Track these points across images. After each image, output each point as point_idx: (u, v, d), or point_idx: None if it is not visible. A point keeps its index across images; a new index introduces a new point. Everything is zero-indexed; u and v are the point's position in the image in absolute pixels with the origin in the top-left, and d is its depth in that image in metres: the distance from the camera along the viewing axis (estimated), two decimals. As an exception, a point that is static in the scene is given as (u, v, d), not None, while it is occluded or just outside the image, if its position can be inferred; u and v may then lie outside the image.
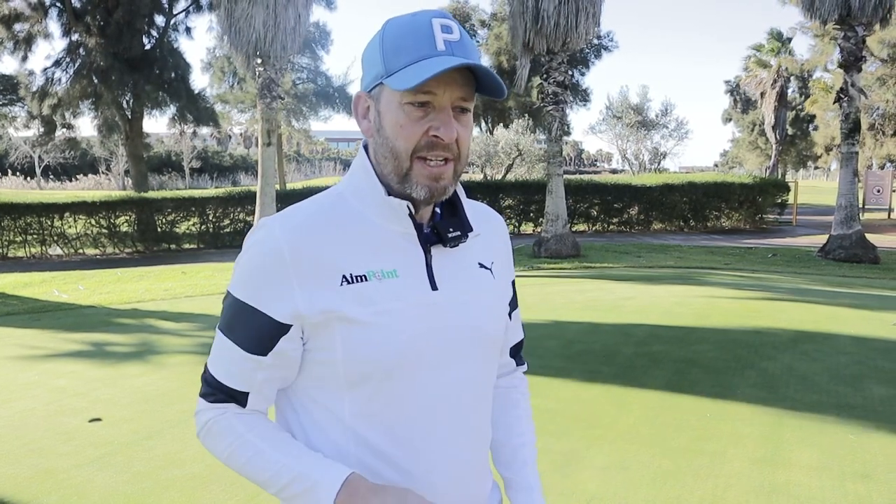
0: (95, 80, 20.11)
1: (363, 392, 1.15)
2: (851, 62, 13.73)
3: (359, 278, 1.13)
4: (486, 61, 33.73)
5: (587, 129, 75.77)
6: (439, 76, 1.08)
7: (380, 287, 1.14)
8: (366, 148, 1.22)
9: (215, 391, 1.21)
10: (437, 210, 1.23)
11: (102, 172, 54.09)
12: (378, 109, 1.15)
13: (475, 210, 1.31)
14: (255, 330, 1.15)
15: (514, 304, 1.41)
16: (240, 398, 1.20)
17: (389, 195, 1.16)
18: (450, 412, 1.19)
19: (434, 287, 1.18)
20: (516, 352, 1.45)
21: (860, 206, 19.46)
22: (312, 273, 1.12)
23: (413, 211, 1.17)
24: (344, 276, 1.13)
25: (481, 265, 1.26)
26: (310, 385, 1.20)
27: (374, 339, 1.12)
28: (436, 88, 1.10)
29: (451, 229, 1.20)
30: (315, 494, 1.10)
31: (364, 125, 1.19)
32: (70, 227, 17.39)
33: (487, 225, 1.32)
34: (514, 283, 1.41)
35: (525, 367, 1.50)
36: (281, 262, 1.12)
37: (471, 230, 1.23)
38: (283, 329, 1.14)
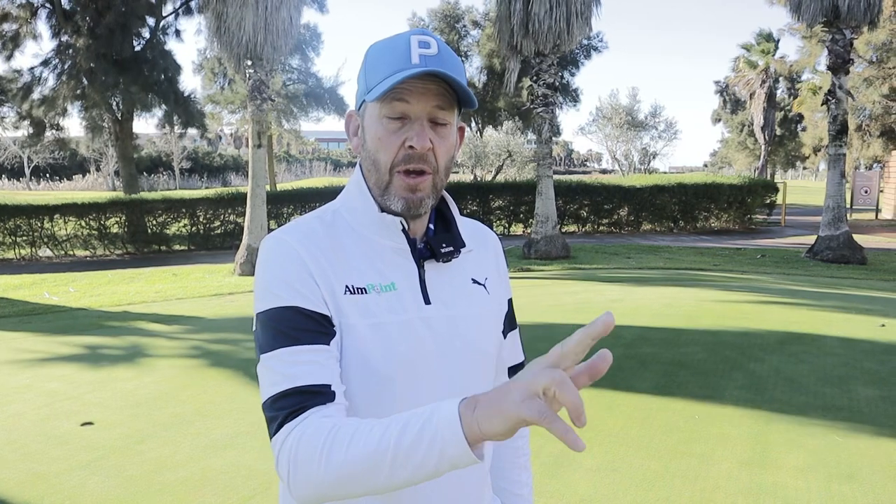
0: (84, 81, 20.01)
1: (358, 401, 1.17)
2: (839, 64, 13.84)
3: (360, 290, 1.15)
4: (477, 62, 33.72)
5: (577, 129, 76.03)
6: (413, 89, 1.11)
7: (379, 300, 1.16)
8: (361, 167, 1.25)
9: (286, 406, 1.04)
10: (431, 226, 1.26)
11: (92, 173, 53.78)
12: (363, 125, 1.20)
13: (469, 227, 1.33)
14: (305, 322, 1.09)
15: (512, 324, 1.40)
16: (323, 391, 1.05)
17: (383, 211, 1.19)
18: None
19: (427, 301, 1.20)
20: (514, 373, 1.40)
21: (848, 206, 19.62)
22: (326, 278, 1.14)
23: (406, 227, 1.19)
24: (347, 287, 1.15)
25: (474, 280, 1.28)
26: None
27: (371, 351, 1.14)
28: (410, 98, 1.12)
29: (443, 245, 1.22)
30: (436, 417, 0.91)
31: (354, 142, 1.24)
32: (60, 228, 17.33)
33: (481, 242, 1.34)
34: (511, 301, 1.40)
35: None
36: (301, 263, 1.13)
37: (463, 246, 1.25)
38: (327, 318, 1.12)
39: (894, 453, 3.85)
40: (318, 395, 1.04)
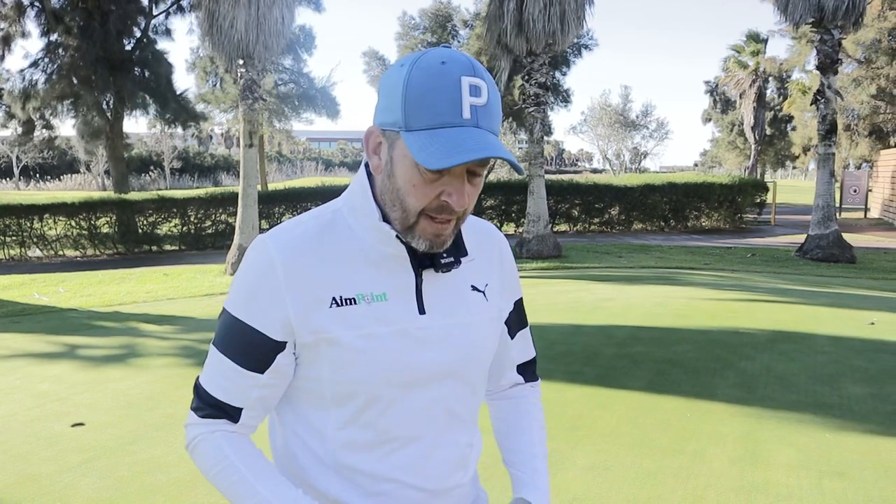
0: (75, 81, 19.91)
1: (347, 411, 1.18)
2: (828, 64, 13.91)
3: (348, 301, 1.14)
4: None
5: (568, 129, 76.29)
6: None
7: (368, 311, 1.15)
8: (367, 166, 1.20)
9: (206, 406, 1.21)
10: None
11: (82, 172, 53.49)
12: (391, 155, 1.11)
13: (475, 230, 1.31)
14: (252, 347, 1.16)
15: (521, 324, 1.41)
16: (233, 413, 1.20)
17: (384, 219, 1.16)
18: (431, 431, 1.21)
19: (422, 311, 1.19)
20: (525, 370, 1.45)
21: (837, 206, 19.73)
22: (304, 292, 1.13)
23: (404, 238, 1.16)
24: (334, 299, 1.14)
25: (474, 287, 1.26)
26: (296, 400, 1.22)
27: (359, 362, 1.14)
28: None
29: (444, 255, 1.19)
30: None
31: (374, 161, 1.15)
32: (50, 228, 17.21)
33: (485, 246, 1.31)
34: (520, 302, 1.41)
35: (538, 384, 1.51)
36: (274, 279, 1.13)
37: (465, 255, 1.23)
38: (280, 347, 1.15)
39: (884, 450, 3.88)
40: (229, 413, 1.19)
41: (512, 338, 1.39)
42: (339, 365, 1.15)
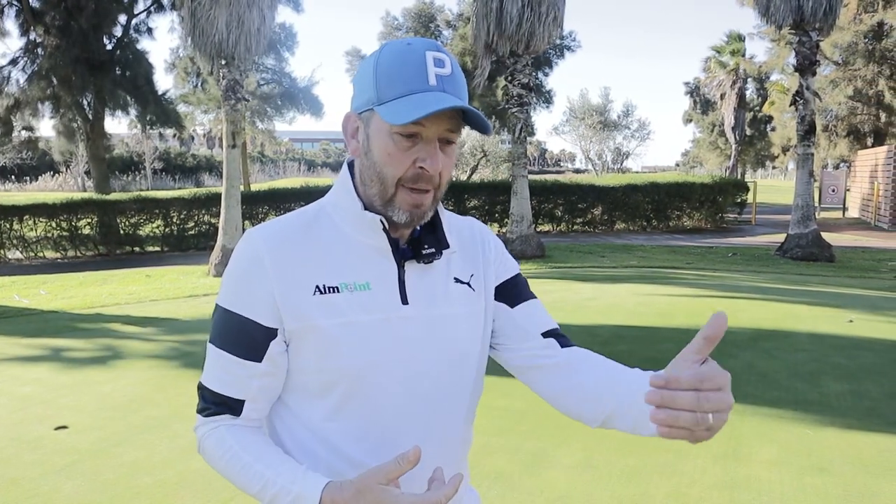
0: (54, 81, 19.69)
1: (332, 400, 1.19)
2: (806, 66, 14.07)
3: (331, 289, 1.17)
4: (451, 62, 33.55)
5: (551, 129, 76.33)
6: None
7: (351, 299, 1.18)
8: (349, 165, 1.25)
9: (210, 404, 1.23)
10: (418, 227, 1.26)
11: (62, 172, 52.87)
12: (367, 133, 1.18)
13: (457, 225, 1.34)
14: (246, 336, 1.18)
15: (518, 297, 1.36)
16: (235, 406, 1.21)
17: (366, 209, 1.21)
18: (419, 423, 1.22)
19: (405, 301, 1.21)
20: (555, 336, 1.35)
21: (816, 205, 19.96)
22: (289, 280, 1.16)
23: (387, 226, 1.20)
24: (317, 287, 1.17)
25: (457, 280, 1.28)
26: (285, 392, 1.24)
27: (340, 350, 1.16)
28: (424, 121, 1.13)
29: (426, 246, 1.23)
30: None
31: (352, 145, 1.22)
32: (30, 230, 17.02)
33: (467, 239, 1.34)
34: (519, 276, 1.39)
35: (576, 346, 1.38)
36: (261, 268, 1.17)
37: (446, 247, 1.26)
38: (272, 334, 1.18)
39: (863, 445, 3.94)
40: (232, 406, 1.21)
41: (512, 307, 1.35)
42: (321, 353, 1.17)
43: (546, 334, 1.35)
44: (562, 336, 1.37)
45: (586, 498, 3.37)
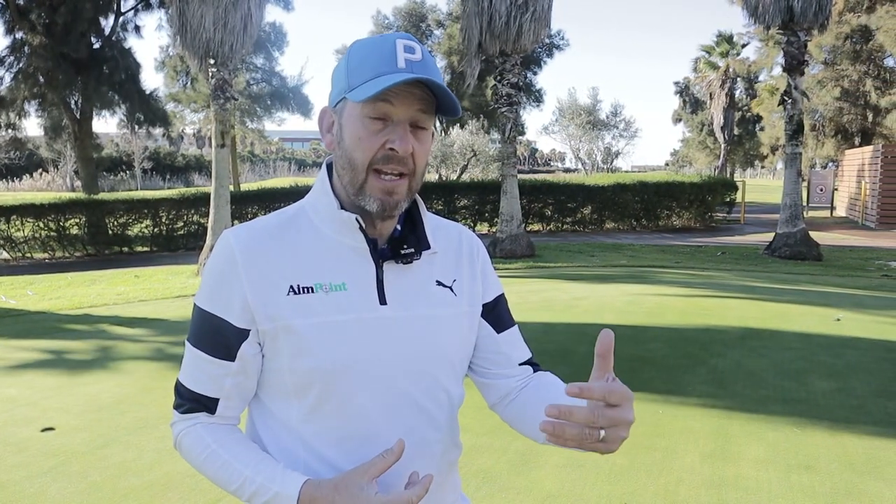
0: (41, 80, 19.56)
1: (308, 401, 1.18)
2: (794, 66, 14.16)
3: (306, 289, 1.16)
4: (438, 62, 33.78)
5: (540, 129, 76.54)
6: (398, 92, 1.12)
7: (326, 299, 1.16)
8: (328, 167, 1.25)
9: (186, 401, 1.24)
10: (398, 227, 1.25)
11: (49, 172, 52.52)
12: (340, 123, 1.19)
13: (440, 227, 1.33)
14: (219, 335, 1.19)
15: (504, 323, 1.38)
16: (210, 405, 1.22)
17: (343, 208, 1.20)
18: (396, 426, 1.20)
19: (383, 301, 1.20)
20: (529, 363, 1.41)
21: (804, 204, 20.07)
22: (262, 280, 1.16)
23: (363, 225, 1.19)
24: (291, 287, 1.16)
25: (439, 283, 1.27)
26: (262, 391, 1.24)
27: (314, 351, 1.15)
28: (394, 100, 1.13)
29: (405, 246, 1.22)
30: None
31: (328, 139, 1.23)
32: (17, 230, 16.88)
33: (452, 244, 1.32)
34: (503, 297, 1.40)
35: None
36: (234, 268, 1.16)
37: (427, 248, 1.25)
38: (243, 334, 1.18)
39: (849, 443, 3.97)
40: (207, 405, 1.22)
41: (498, 332, 1.36)
42: (295, 353, 1.16)
43: (524, 364, 1.41)
44: (535, 364, 1.44)
45: (574, 497, 3.38)
